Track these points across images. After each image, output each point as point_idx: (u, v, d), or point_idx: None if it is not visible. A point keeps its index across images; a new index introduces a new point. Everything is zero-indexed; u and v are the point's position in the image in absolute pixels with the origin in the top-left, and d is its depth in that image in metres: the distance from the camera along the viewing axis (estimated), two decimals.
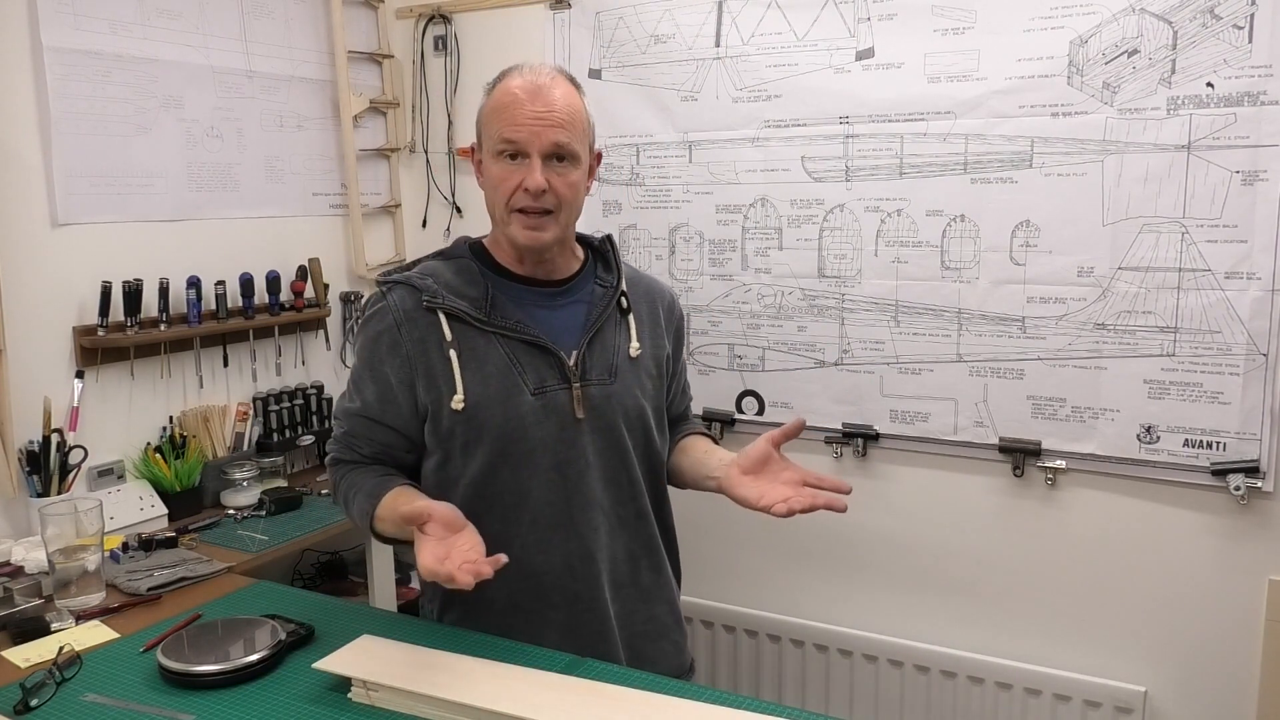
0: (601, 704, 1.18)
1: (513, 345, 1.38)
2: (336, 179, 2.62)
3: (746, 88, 2.26)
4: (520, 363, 1.38)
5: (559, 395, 1.39)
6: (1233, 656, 1.95)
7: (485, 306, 1.39)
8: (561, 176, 1.35)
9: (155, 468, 2.13)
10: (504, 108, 1.35)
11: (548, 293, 1.44)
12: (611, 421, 1.42)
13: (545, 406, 1.38)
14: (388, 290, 1.41)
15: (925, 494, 2.22)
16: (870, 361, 2.21)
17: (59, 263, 2.01)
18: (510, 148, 1.34)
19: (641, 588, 1.48)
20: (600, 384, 1.41)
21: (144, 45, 2.14)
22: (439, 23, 2.69)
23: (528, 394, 1.37)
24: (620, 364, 1.44)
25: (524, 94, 1.34)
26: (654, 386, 1.49)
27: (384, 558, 2.29)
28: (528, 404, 1.37)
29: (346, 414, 1.44)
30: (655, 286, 1.56)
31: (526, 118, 1.33)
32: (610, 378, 1.42)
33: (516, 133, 1.33)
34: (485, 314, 1.38)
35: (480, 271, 1.42)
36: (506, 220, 1.37)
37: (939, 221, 2.09)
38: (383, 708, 1.21)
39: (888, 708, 2.28)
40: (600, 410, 1.41)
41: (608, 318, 1.45)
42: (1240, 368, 1.86)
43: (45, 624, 1.52)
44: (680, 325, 1.58)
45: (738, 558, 2.46)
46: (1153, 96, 1.87)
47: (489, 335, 1.38)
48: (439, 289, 1.39)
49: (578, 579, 1.41)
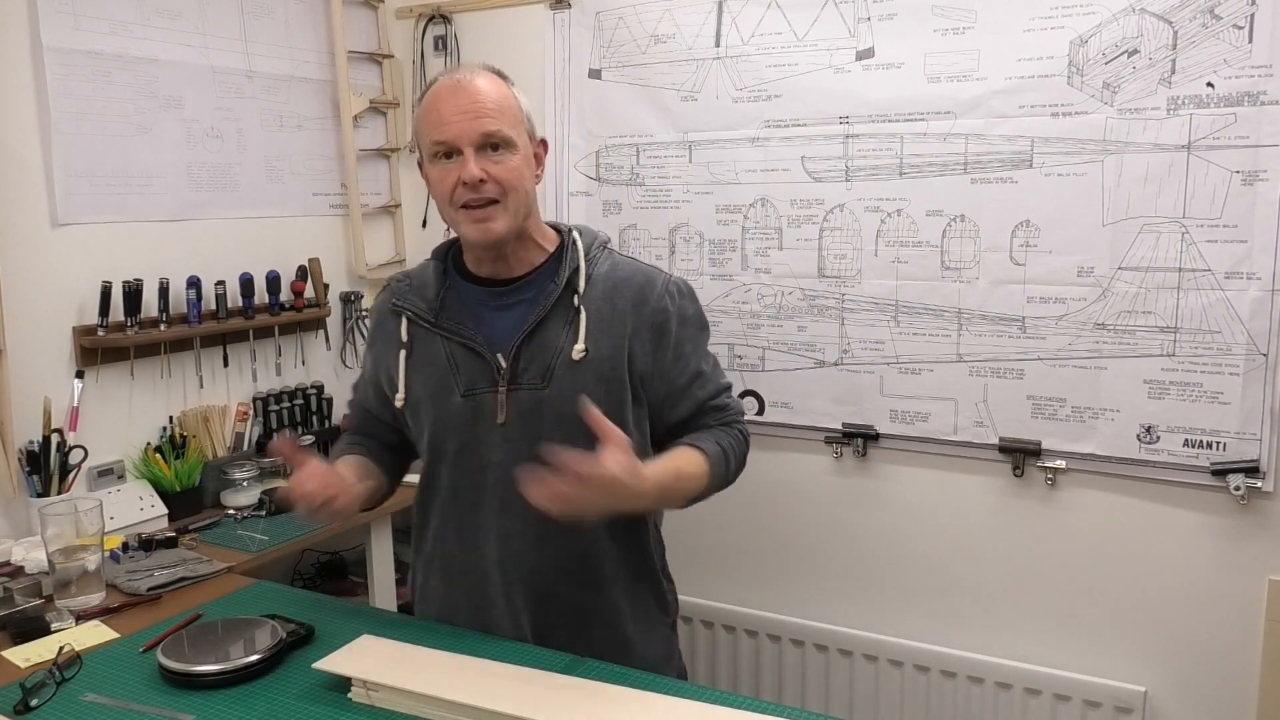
0: (601, 704, 1.18)
1: (453, 347, 1.42)
2: (336, 179, 2.62)
3: (746, 88, 2.26)
4: (457, 364, 1.41)
5: (486, 399, 1.40)
6: (1233, 656, 1.95)
7: (435, 308, 1.43)
8: (499, 164, 1.34)
9: (155, 468, 2.13)
10: (430, 111, 1.37)
11: (497, 292, 1.43)
12: (538, 428, 1.36)
13: (473, 409, 1.40)
14: (382, 290, 1.55)
15: (925, 494, 2.22)
16: (870, 361, 2.21)
17: (59, 263, 2.01)
18: (443, 148, 1.35)
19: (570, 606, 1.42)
20: (531, 388, 1.38)
21: (144, 45, 2.14)
22: (439, 23, 2.69)
23: (457, 395, 1.40)
24: (558, 367, 1.37)
25: (447, 93, 1.36)
26: (609, 390, 1.38)
27: (384, 558, 2.29)
28: (455, 405, 1.41)
29: (351, 402, 1.64)
30: (631, 282, 1.43)
31: (452, 115, 1.34)
32: (543, 382, 1.37)
33: (445, 131, 1.34)
34: (434, 316, 1.43)
35: (443, 272, 1.47)
36: (456, 220, 1.38)
37: (939, 221, 2.09)
38: (383, 708, 1.21)
39: (888, 708, 2.28)
40: (528, 415, 1.37)
41: (553, 318, 1.39)
42: (1240, 368, 1.86)
43: (45, 624, 1.52)
44: (663, 321, 1.42)
45: (738, 558, 2.46)
46: (1153, 96, 1.87)
47: (436, 336, 1.43)
48: (406, 291, 1.47)
49: (489, 603, 1.43)
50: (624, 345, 1.40)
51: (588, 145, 2.49)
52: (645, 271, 1.46)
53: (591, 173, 2.49)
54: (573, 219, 2.52)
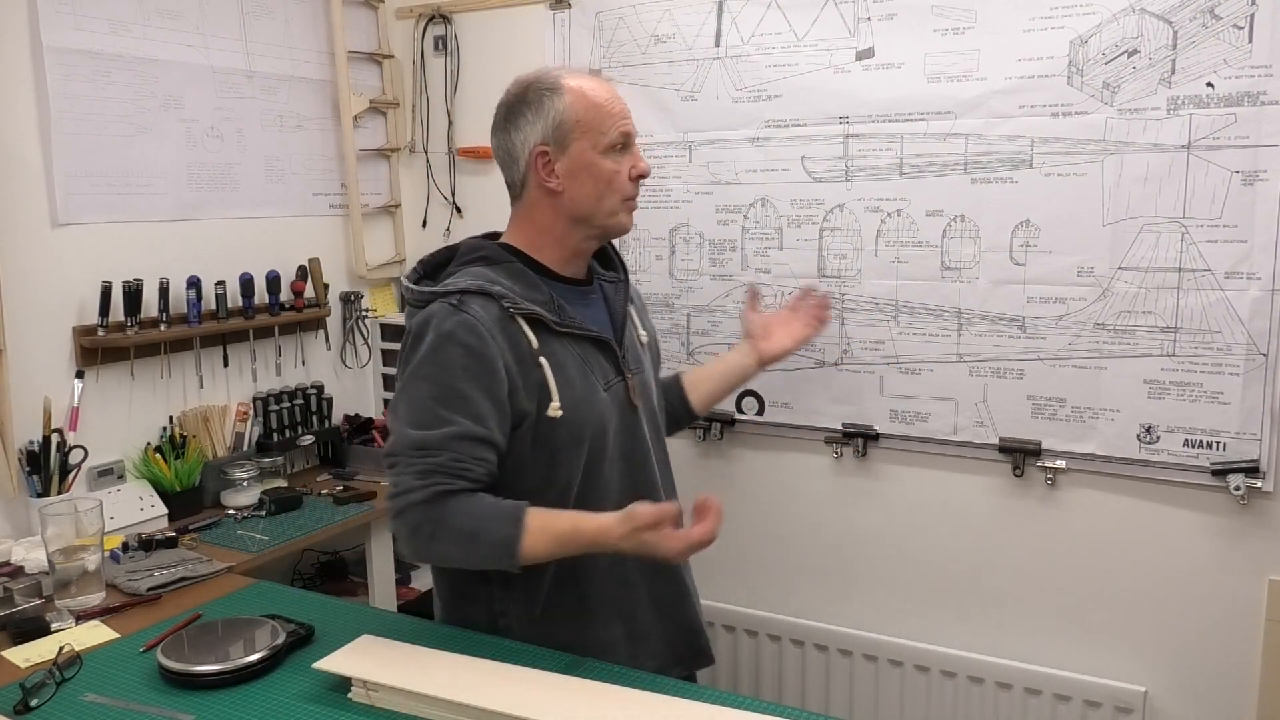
0: (601, 704, 1.18)
1: (580, 344, 1.41)
2: (336, 179, 2.62)
3: (746, 88, 2.26)
4: (589, 361, 1.42)
5: (619, 388, 1.45)
6: (1233, 656, 1.95)
7: (554, 308, 1.39)
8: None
9: (155, 468, 2.13)
10: (600, 105, 1.41)
11: (579, 290, 1.48)
12: (650, 407, 1.52)
13: (613, 400, 1.44)
14: (459, 302, 1.33)
15: (925, 494, 2.22)
16: (870, 361, 2.21)
17: (59, 263, 2.01)
18: (625, 139, 1.43)
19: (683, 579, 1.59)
20: (638, 373, 1.50)
21: (144, 45, 2.14)
22: (439, 23, 2.69)
23: (601, 390, 1.42)
24: (640, 352, 1.54)
25: (603, 90, 1.44)
26: (655, 370, 1.60)
27: (384, 558, 2.29)
28: (603, 400, 1.42)
29: (445, 439, 1.29)
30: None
31: (621, 111, 1.43)
32: (639, 366, 1.52)
33: (627, 124, 1.43)
34: (557, 314, 1.39)
35: (533, 274, 1.42)
36: (616, 210, 1.44)
37: (939, 221, 2.09)
38: (383, 708, 1.21)
39: (888, 708, 2.28)
40: (644, 397, 1.50)
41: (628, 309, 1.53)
42: (1240, 368, 1.86)
43: (45, 624, 1.52)
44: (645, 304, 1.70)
45: (738, 558, 2.46)
46: (1153, 96, 1.87)
47: (561, 337, 1.40)
48: (515, 296, 1.36)
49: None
50: (651, 327, 1.63)
51: None
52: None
53: None
54: None
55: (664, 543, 1.25)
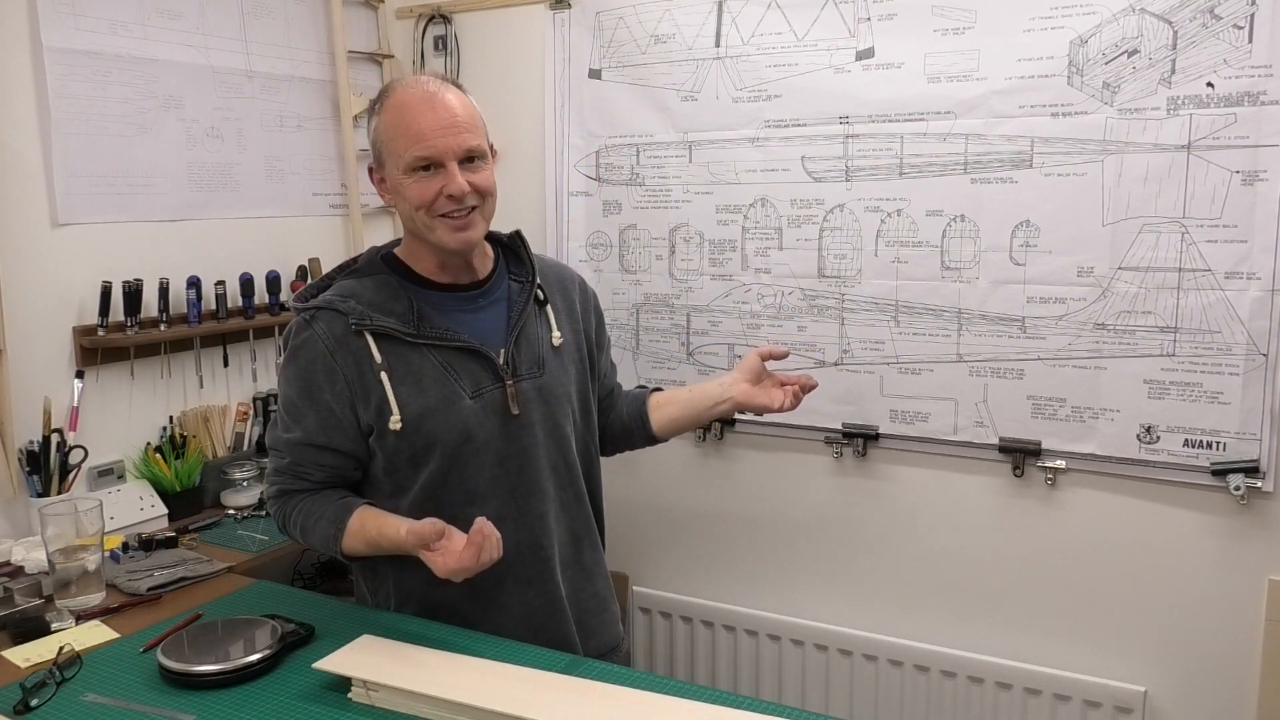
0: (601, 704, 1.18)
1: (445, 353, 1.42)
2: (336, 179, 2.62)
3: (746, 88, 2.26)
4: (454, 369, 1.42)
5: (495, 394, 1.44)
6: (1233, 656, 1.95)
7: (413, 320, 1.41)
8: (478, 174, 1.40)
9: (155, 468, 2.13)
10: (403, 124, 1.37)
11: (467, 296, 1.48)
12: (545, 412, 1.48)
13: (484, 407, 1.43)
14: (311, 318, 1.41)
15: (925, 494, 2.22)
16: (870, 361, 2.21)
17: (59, 263, 2.01)
18: (424, 163, 1.37)
19: (584, 566, 1.56)
20: (531, 378, 1.47)
21: (144, 45, 2.14)
22: (439, 23, 2.69)
23: (466, 398, 1.42)
24: (546, 355, 1.50)
25: (422, 106, 1.37)
26: (578, 371, 1.55)
27: None
28: (468, 408, 1.42)
29: (288, 445, 1.44)
30: (565, 273, 1.63)
31: (433, 130, 1.36)
32: (539, 370, 1.48)
33: (429, 149, 1.36)
34: (414, 327, 1.41)
35: (400, 285, 1.45)
36: (431, 227, 1.40)
37: (939, 221, 2.09)
38: (383, 708, 1.21)
39: (888, 708, 2.28)
40: (534, 403, 1.47)
41: (528, 312, 1.50)
42: (1240, 368, 1.86)
43: (45, 624, 1.52)
44: (596, 303, 1.65)
45: (738, 558, 2.46)
46: (1153, 96, 1.87)
47: (421, 348, 1.41)
48: (364, 309, 1.40)
49: (529, 565, 1.47)
50: (581, 328, 1.58)
51: (588, 145, 2.49)
52: (557, 261, 1.70)
53: (591, 173, 2.49)
54: (573, 219, 2.53)
55: (434, 560, 1.29)
